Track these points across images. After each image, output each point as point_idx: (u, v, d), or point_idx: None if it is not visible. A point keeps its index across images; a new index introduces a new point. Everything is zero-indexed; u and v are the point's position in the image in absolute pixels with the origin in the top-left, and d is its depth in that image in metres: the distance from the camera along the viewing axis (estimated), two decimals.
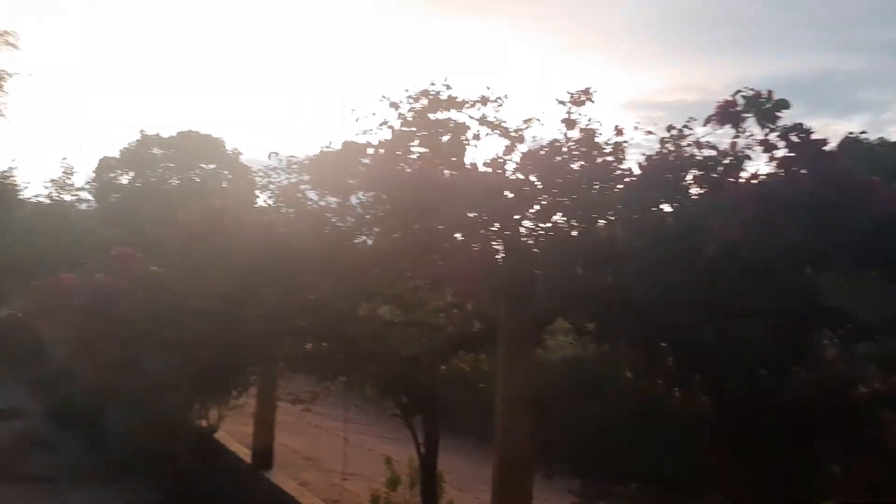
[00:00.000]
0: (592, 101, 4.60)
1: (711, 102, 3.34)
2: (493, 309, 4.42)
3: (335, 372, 5.78)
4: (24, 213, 26.98)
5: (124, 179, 43.34)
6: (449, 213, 3.94)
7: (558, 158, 3.95)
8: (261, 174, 5.97)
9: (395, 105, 4.70)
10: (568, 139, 4.39)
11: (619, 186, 3.71)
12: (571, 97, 4.54)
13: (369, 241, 5.27)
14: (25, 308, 19.03)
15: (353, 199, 5.23)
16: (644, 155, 3.59)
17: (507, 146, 4.65)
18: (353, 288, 5.30)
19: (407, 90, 4.59)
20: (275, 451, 7.68)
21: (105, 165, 43.59)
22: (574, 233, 3.64)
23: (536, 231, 3.83)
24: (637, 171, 3.71)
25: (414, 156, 4.52)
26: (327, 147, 4.88)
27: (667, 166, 3.31)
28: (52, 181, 39.20)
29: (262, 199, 6.28)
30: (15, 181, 27.90)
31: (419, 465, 5.34)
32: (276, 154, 5.71)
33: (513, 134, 4.56)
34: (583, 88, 4.54)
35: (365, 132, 4.85)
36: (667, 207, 3.38)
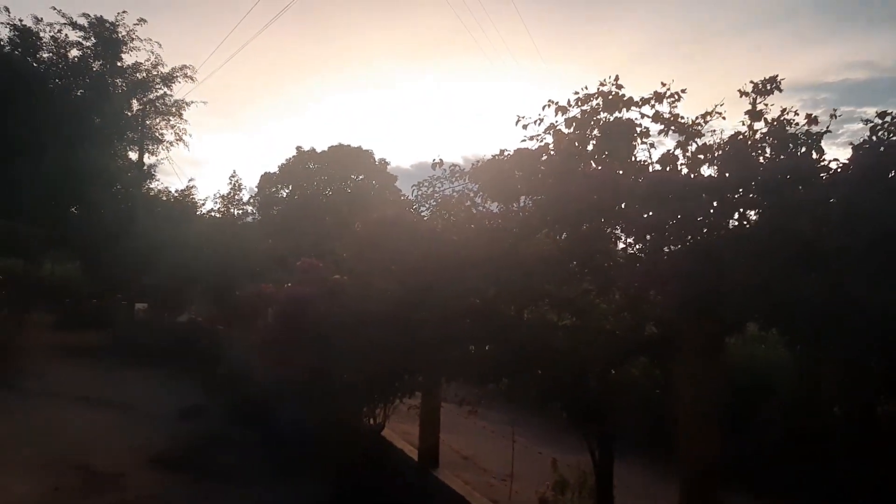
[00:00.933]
0: (780, 90, 4.28)
1: (885, 81, 2.94)
2: (672, 313, 4.23)
3: (500, 375, 5.79)
4: (201, 228, 29.65)
5: (283, 193, 46.67)
6: (627, 214, 3.81)
7: (745, 152, 3.69)
8: (425, 184, 6.10)
9: (562, 109, 4.64)
10: (754, 131, 4.11)
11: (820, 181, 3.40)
12: (756, 87, 4.26)
13: (535, 245, 5.23)
14: (205, 313, 21.00)
15: (517, 205, 5.24)
16: (851, 145, 3.27)
17: (679, 142, 4.45)
18: (520, 292, 5.29)
19: (577, 93, 4.52)
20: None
21: (266, 181, 47.19)
22: (771, 233, 3.37)
23: (727, 232, 3.59)
24: (840, 163, 3.39)
25: (585, 157, 4.42)
26: (498, 156, 4.91)
27: (889, 159, 2.96)
28: (221, 197, 43.07)
29: (425, 208, 6.42)
30: (194, 198, 30.71)
31: (594, 472, 5.19)
32: (440, 162, 5.82)
33: (690, 129, 4.34)
34: (768, 77, 4.25)
35: (531, 138, 4.84)
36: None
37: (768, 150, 3.98)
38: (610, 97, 4.35)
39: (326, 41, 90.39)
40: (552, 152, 4.52)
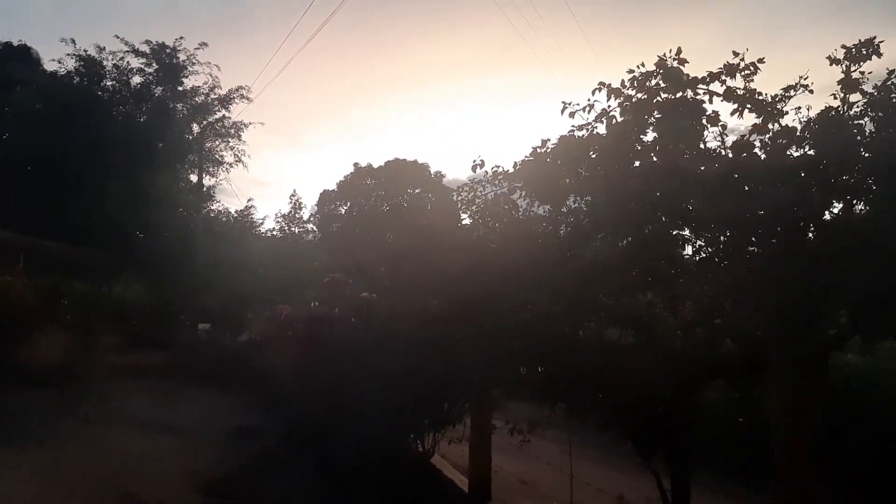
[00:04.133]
0: (879, 55, 3.54)
1: None
2: (758, 329, 3.51)
3: (555, 399, 5.15)
4: (261, 247, 30.00)
5: (342, 210, 47.07)
6: (697, 211, 3.13)
7: (846, 127, 2.97)
8: (465, 188, 5.53)
9: (616, 92, 4.00)
10: (850, 104, 3.38)
11: None
12: (849, 52, 3.53)
13: (590, 252, 4.57)
14: (261, 332, 21.00)
15: (568, 208, 4.61)
16: None
17: (756, 125, 3.74)
18: (574, 305, 4.65)
19: (631, 71, 3.86)
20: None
21: (325, 198, 47.73)
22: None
23: (831, 223, 2.87)
24: None
25: (645, 148, 3.76)
26: (541, 148, 4.27)
27: None
28: (282, 216, 43.80)
29: (468, 215, 5.85)
30: (252, 218, 31.14)
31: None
32: (481, 164, 5.24)
33: (769, 108, 3.63)
34: (864, 39, 3.51)
35: (581, 128, 4.21)
36: None
37: (869, 125, 3.25)
38: (664, 74, 3.66)
39: (380, 56, 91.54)
40: (603, 140, 3.86)
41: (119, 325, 23.12)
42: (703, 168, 3.42)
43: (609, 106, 3.96)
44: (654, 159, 3.67)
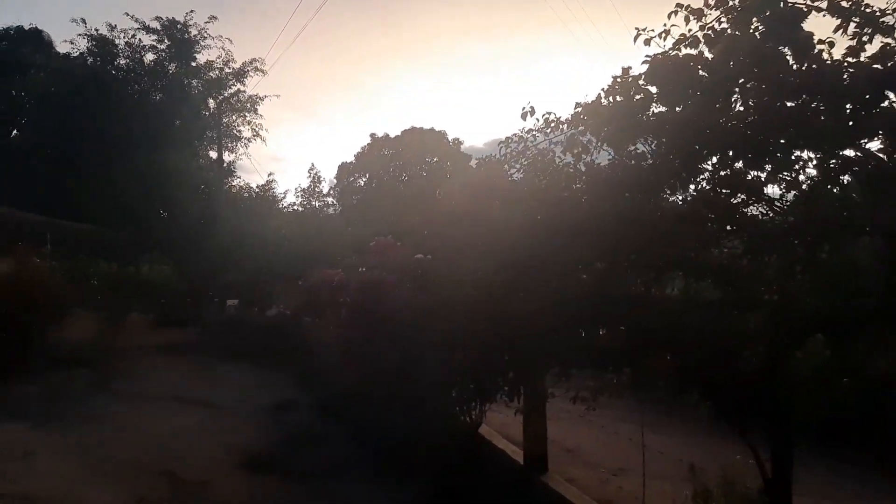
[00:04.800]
0: None
1: None
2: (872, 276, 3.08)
3: (621, 364, 4.75)
4: (283, 221, 29.80)
5: (361, 182, 46.70)
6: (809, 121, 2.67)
7: None
8: (514, 139, 5.08)
9: (697, 13, 3.53)
10: None
11: None
12: None
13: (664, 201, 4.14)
14: (291, 305, 20.86)
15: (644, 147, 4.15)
16: None
17: (851, 47, 3.26)
18: (643, 261, 4.23)
19: None
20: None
21: (343, 171, 47.37)
22: None
23: None
24: None
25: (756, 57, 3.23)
26: (621, 77, 3.79)
27: None
28: (302, 190, 43.55)
29: (517, 169, 5.39)
30: (274, 192, 30.91)
31: (766, 490, 3.99)
32: (531, 111, 4.77)
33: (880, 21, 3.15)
34: None
35: (653, 58, 3.74)
36: None
37: None
38: None
39: (391, 23, 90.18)
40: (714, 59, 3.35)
41: (147, 304, 23.18)
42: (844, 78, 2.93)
43: (689, 30, 3.51)
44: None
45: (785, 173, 3.41)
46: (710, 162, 3.52)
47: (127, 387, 13.55)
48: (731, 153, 3.28)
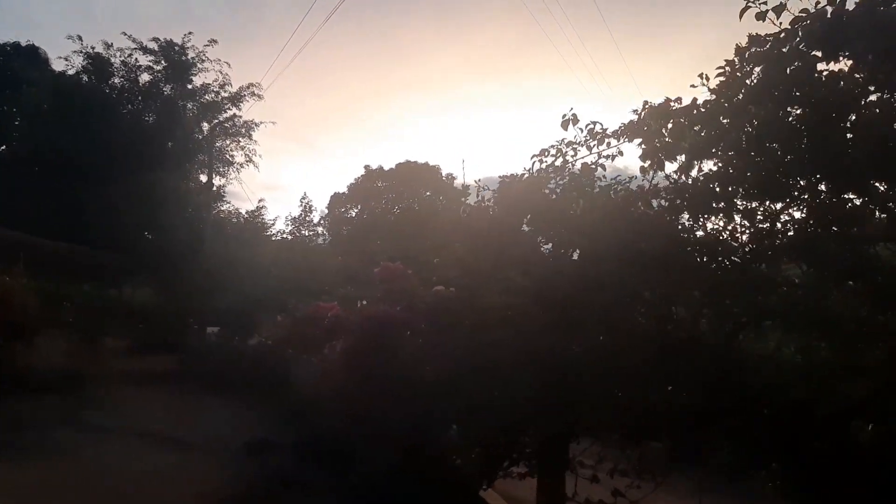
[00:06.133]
0: None
1: None
2: None
3: (687, 430, 4.02)
4: (271, 249, 29.06)
5: (353, 213, 46.15)
6: None
7: None
8: (551, 152, 4.43)
9: None
10: None
11: None
12: None
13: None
14: (274, 337, 20.04)
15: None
16: None
17: None
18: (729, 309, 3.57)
19: None
20: None
21: (336, 201, 46.83)
22: None
23: None
24: None
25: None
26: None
27: None
28: (293, 219, 42.83)
29: (553, 185, 4.67)
30: (263, 220, 30.25)
31: None
32: (573, 119, 4.16)
33: None
34: None
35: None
36: None
37: None
38: None
39: (389, 58, 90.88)
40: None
41: (125, 329, 22.29)
42: None
43: None
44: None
45: None
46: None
47: (96, 419, 12.69)
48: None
